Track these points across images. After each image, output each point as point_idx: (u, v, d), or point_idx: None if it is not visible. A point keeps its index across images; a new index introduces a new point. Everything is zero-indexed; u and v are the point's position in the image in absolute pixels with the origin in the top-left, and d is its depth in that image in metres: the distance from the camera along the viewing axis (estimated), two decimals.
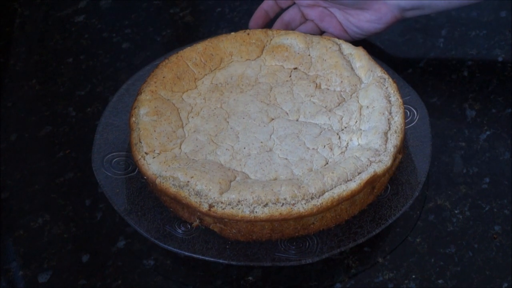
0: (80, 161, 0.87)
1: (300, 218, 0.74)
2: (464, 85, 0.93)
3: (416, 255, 0.80)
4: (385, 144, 0.78)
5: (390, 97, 0.82)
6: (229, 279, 0.77)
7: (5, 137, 0.90)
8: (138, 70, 0.90)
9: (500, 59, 0.95)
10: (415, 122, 0.85)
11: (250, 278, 0.77)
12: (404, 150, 0.82)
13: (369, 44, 0.98)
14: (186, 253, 0.75)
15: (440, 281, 0.78)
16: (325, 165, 0.77)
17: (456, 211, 0.82)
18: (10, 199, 0.85)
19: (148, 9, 1.04)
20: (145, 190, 0.80)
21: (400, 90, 0.84)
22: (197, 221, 0.76)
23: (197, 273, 0.78)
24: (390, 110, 0.80)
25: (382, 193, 0.80)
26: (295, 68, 0.87)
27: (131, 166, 0.81)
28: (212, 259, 0.75)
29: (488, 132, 0.89)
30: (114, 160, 0.82)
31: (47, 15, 1.02)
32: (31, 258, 0.80)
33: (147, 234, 0.76)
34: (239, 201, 0.74)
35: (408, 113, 0.85)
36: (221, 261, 0.75)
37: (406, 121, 0.82)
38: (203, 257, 0.75)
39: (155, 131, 0.79)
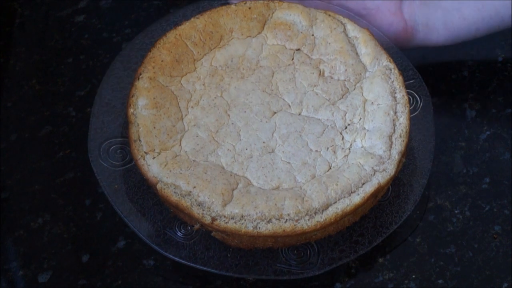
0: (80, 161, 0.87)
1: (303, 234, 0.74)
2: (464, 85, 0.93)
3: (416, 255, 0.80)
4: (389, 150, 0.76)
5: (395, 93, 0.80)
6: (229, 279, 0.77)
7: (5, 137, 0.90)
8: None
9: (500, 59, 0.95)
10: (417, 111, 0.83)
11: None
12: (406, 151, 0.81)
13: None
14: (188, 263, 0.75)
15: (440, 281, 0.78)
16: (328, 170, 0.77)
17: (456, 211, 0.82)
18: (10, 199, 0.85)
19: (148, 9, 1.04)
20: (144, 185, 0.78)
21: (404, 72, 0.82)
22: (198, 224, 0.75)
23: (197, 273, 0.78)
24: (396, 109, 0.79)
25: (383, 195, 0.79)
26: (298, 49, 0.84)
27: (129, 156, 0.79)
28: (213, 271, 0.74)
29: (488, 132, 0.89)
30: (111, 148, 0.80)
31: (47, 15, 1.02)
32: (31, 258, 0.80)
33: (148, 239, 0.75)
34: (242, 216, 0.73)
35: (411, 99, 0.83)
36: (222, 273, 0.74)
37: None
38: (204, 268, 0.74)
39: (154, 127, 0.78)
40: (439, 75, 0.94)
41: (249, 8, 0.85)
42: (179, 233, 0.76)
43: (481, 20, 0.87)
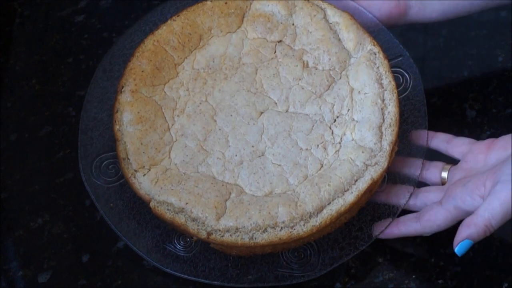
0: None
1: (300, 239, 0.74)
2: (464, 85, 0.93)
3: (416, 255, 0.79)
4: (380, 142, 0.76)
5: (382, 79, 0.79)
6: None
7: (5, 137, 0.90)
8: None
9: (500, 59, 0.95)
10: (408, 91, 0.82)
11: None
12: (398, 139, 0.79)
13: None
14: (190, 278, 0.74)
15: (440, 281, 0.78)
16: (320, 169, 0.76)
17: None
18: (10, 199, 0.85)
19: (148, 9, 1.04)
20: (139, 199, 0.78)
21: (390, 49, 0.81)
22: (196, 237, 0.75)
23: None
24: (383, 96, 0.78)
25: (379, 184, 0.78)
26: (280, 41, 0.83)
27: (121, 171, 0.78)
28: (216, 283, 0.74)
29: (488, 132, 0.88)
30: (103, 163, 0.80)
31: (47, 15, 1.02)
32: (31, 258, 0.80)
33: (149, 256, 0.75)
34: (237, 229, 0.73)
35: (401, 78, 0.82)
36: (224, 284, 0.74)
37: (398, 89, 0.79)
38: (207, 281, 0.74)
39: (141, 143, 0.77)
40: (439, 75, 0.94)
41: (226, 3, 0.83)
42: (178, 246, 0.76)
43: None
